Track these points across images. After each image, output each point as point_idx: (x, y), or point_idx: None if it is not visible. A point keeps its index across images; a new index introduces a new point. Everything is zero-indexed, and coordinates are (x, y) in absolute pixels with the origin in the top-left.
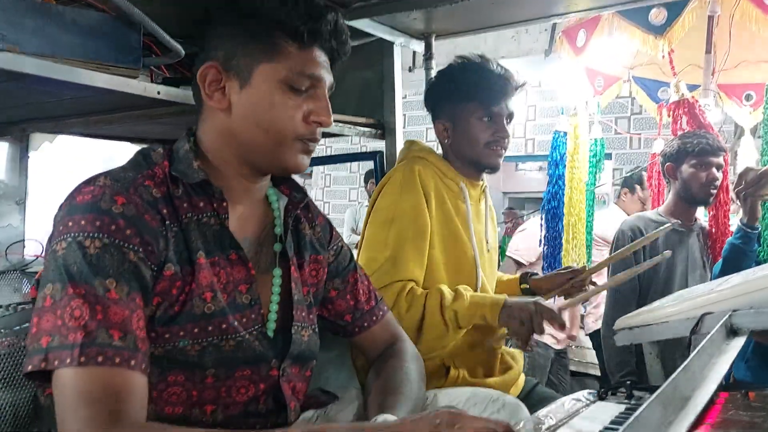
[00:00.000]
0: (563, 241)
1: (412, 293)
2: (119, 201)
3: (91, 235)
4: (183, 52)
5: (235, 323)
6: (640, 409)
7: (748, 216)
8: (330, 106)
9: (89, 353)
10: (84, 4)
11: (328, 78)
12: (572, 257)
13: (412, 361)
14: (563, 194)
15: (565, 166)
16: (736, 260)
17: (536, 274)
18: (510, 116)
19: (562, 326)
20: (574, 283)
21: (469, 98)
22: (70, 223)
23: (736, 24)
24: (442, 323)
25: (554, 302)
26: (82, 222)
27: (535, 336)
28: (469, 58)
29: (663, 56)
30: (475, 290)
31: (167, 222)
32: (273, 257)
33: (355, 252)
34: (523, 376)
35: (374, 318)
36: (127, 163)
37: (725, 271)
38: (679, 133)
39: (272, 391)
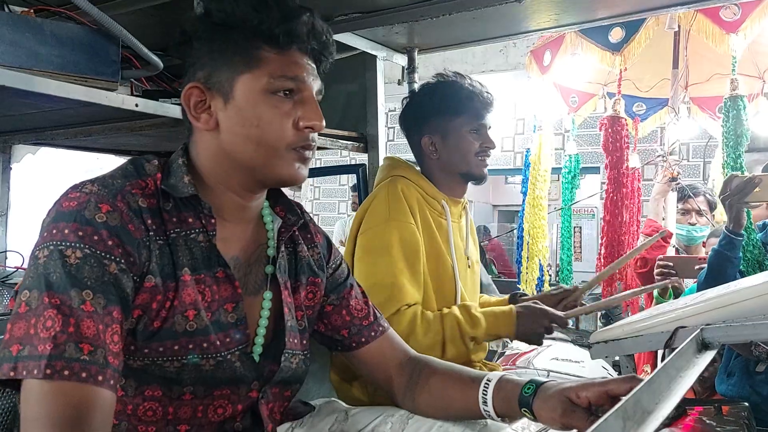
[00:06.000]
0: (522, 259)
1: (425, 318)
2: (103, 209)
3: (72, 244)
4: (161, 65)
5: (217, 342)
6: (599, 421)
7: (733, 223)
8: (320, 109)
9: (56, 366)
10: (63, 17)
11: (313, 81)
12: (525, 277)
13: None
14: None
15: None
16: (721, 266)
17: (525, 294)
18: (490, 128)
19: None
20: (567, 304)
21: (459, 112)
22: (54, 231)
23: (697, 39)
24: (465, 348)
25: None
26: (66, 231)
27: None
28: (449, 75)
29: (619, 71)
30: (454, 303)
31: (151, 233)
32: (264, 279)
33: None
34: None
35: (372, 333)
36: (116, 170)
37: (709, 278)
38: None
39: (250, 411)
